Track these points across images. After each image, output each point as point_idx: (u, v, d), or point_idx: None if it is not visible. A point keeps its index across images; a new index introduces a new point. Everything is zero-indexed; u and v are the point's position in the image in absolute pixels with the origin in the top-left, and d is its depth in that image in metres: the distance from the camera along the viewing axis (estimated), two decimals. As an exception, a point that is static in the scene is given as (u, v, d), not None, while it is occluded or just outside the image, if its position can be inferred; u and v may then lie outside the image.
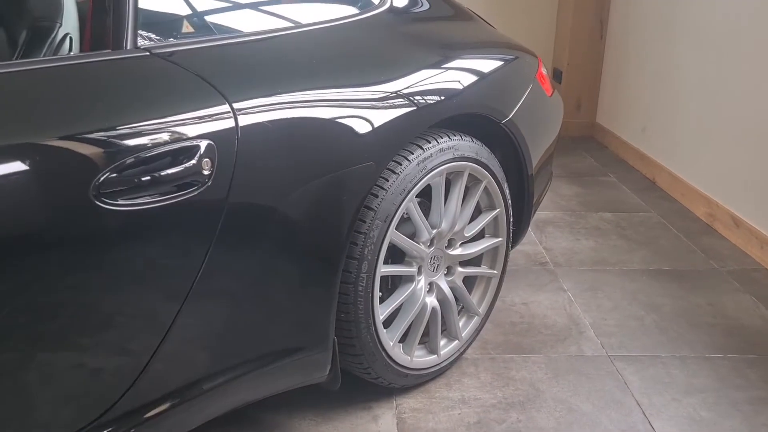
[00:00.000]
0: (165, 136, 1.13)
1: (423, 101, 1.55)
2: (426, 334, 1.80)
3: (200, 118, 1.18)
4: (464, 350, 1.93)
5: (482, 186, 1.80)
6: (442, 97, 1.62)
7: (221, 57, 1.33)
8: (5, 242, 0.99)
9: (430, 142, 1.62)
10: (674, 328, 2.14)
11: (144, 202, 1.10)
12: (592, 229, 2.93)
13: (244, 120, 1.22)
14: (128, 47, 1.20)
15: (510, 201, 1.92)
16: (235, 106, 1.22)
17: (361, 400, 1.75)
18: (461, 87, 1.68)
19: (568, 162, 3.89)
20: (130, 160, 1.07)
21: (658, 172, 3.54)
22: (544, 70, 2.15)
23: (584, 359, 1.96)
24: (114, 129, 1.08)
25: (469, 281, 1.93)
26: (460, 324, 1.89)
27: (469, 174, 1.74)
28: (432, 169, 1.62)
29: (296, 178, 1.33)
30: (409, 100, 1.52)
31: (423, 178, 1.60)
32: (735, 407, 1.76)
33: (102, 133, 1.07)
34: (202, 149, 1.15)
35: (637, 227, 2.95)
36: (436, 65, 1.68)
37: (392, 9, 1.75)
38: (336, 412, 1.71)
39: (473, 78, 1.73)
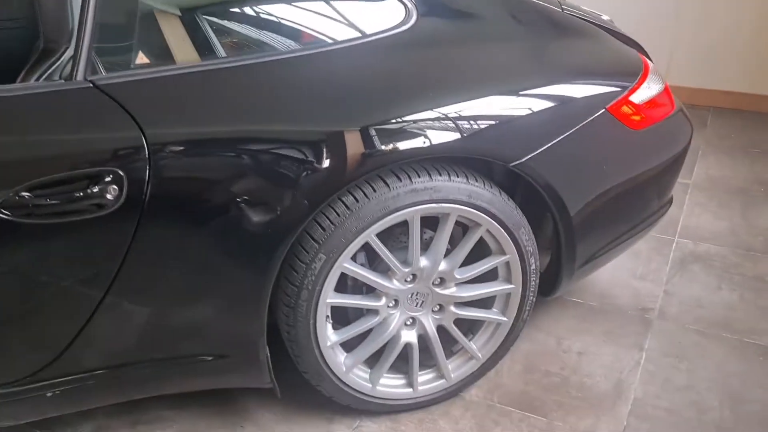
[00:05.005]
0: (74, 162, 1.30)
1: (377, 141, 1.48)
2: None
3: (113, 147, 1.33)
4: (455, 390, 1.84)
5: (481, 230, 1.66)
6: (401, 139, 1.51)
7: (154, 89, 1.40)
8: None
9: (401, 180, 1.55)
10: (740, 435, 1.73)
11: (46, 218, 1.32)
12: (752, 279, 2.39)
13: (158, 153, 1.33)
14: (78, 78, 1.34)
15: (531, 248, 1.73)
16: (150, 139, 1.33)
17: (328, 410, 1.81)
18: (431, 127, 1.54)
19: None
20: (31, 182, 1.27)
21: None
22: (638, 97, 1.80)
23: (588, 439, 1.72)
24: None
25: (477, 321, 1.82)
26: (452, 365, 1.81)
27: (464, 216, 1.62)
28: (396, 210, 1.55)
29: (218, 207, 1.43)
30: (359, 139, 1.47)
31: (384, 218, 1.55)
32: None
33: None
34: (110, 177, 1.31)
35: (817, 289, 2.32)
36: (413, 98, 1.57)
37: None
38: (298, 413, 1.81)
39: (454, 117, 1.56)
